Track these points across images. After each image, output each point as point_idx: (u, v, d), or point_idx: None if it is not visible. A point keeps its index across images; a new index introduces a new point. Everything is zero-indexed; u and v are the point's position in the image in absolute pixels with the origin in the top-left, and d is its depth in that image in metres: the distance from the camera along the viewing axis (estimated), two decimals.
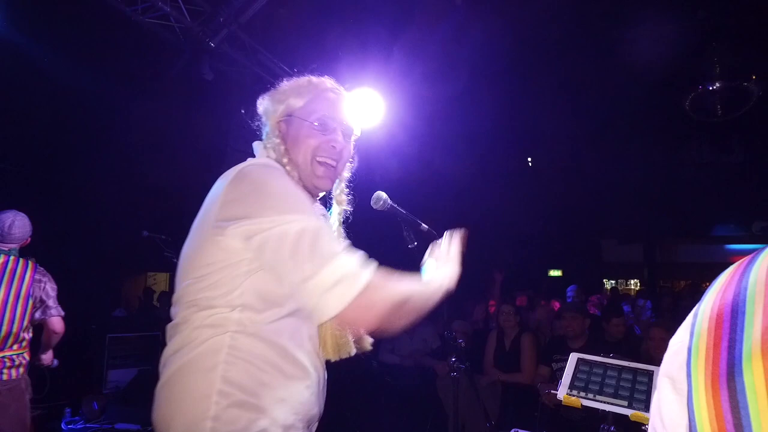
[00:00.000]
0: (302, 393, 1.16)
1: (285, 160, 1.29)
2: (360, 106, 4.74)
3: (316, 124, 1.31)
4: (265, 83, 5.27)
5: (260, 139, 1.41)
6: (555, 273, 12.90)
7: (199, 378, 1.08)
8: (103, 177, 6.12)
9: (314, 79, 1.39)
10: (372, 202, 1.61)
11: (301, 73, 1.42)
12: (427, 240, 1.68)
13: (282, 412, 1.11)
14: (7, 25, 3.64)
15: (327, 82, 1.40)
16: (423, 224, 1.64)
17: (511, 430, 2.11)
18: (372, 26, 4.88)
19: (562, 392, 1.77)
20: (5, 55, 4.25)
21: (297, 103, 1.34)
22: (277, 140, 1.32)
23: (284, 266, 1.07)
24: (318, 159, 1.32)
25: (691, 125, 6.95)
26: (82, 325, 6.57)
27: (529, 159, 9.82)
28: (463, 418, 3.98)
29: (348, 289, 1.03)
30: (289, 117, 1.33)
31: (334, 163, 1.34)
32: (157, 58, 4.84)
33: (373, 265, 1.10)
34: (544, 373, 3.91)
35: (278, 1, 4.61)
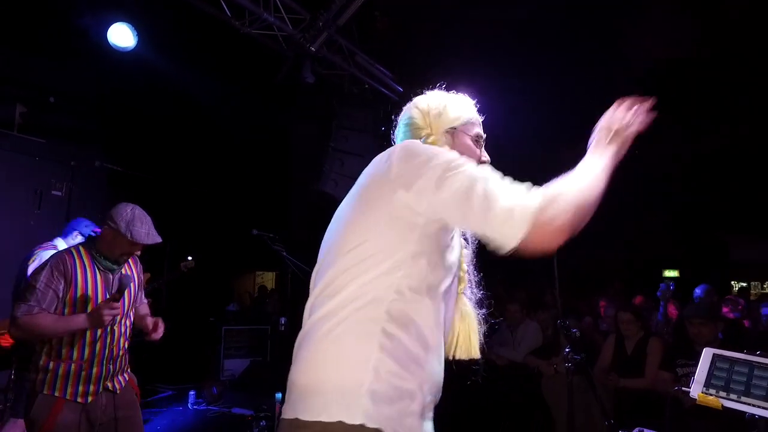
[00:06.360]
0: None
1: None
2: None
3: (476, 139, 1.44)
4: (362, 84, 5.42)
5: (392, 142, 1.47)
6: (670, 273, 11.73)
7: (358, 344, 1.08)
8: (215, 178, 6.60)
9: (467, 97, 1.51)
10: None
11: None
12: None
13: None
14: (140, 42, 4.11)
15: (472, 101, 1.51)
16: None
17: (634, 429, 1.93)
18: (469, 22, 4.80)
19: (695, 390, 1.57)
20: (135, 67, 4.75)
21: (458, 117, 1.43)
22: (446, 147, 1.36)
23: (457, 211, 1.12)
24: None
25: None
26: (203, 318, 7.18)
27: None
28: (576, 414, 3.74)
29: (522, 213, 1.05)
30: (453, 129, 1.42)
31: None
32: (263, 66, 5.16)
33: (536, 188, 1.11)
34: (667, 378, 3.56)
35: (374, 3, 4.71)
